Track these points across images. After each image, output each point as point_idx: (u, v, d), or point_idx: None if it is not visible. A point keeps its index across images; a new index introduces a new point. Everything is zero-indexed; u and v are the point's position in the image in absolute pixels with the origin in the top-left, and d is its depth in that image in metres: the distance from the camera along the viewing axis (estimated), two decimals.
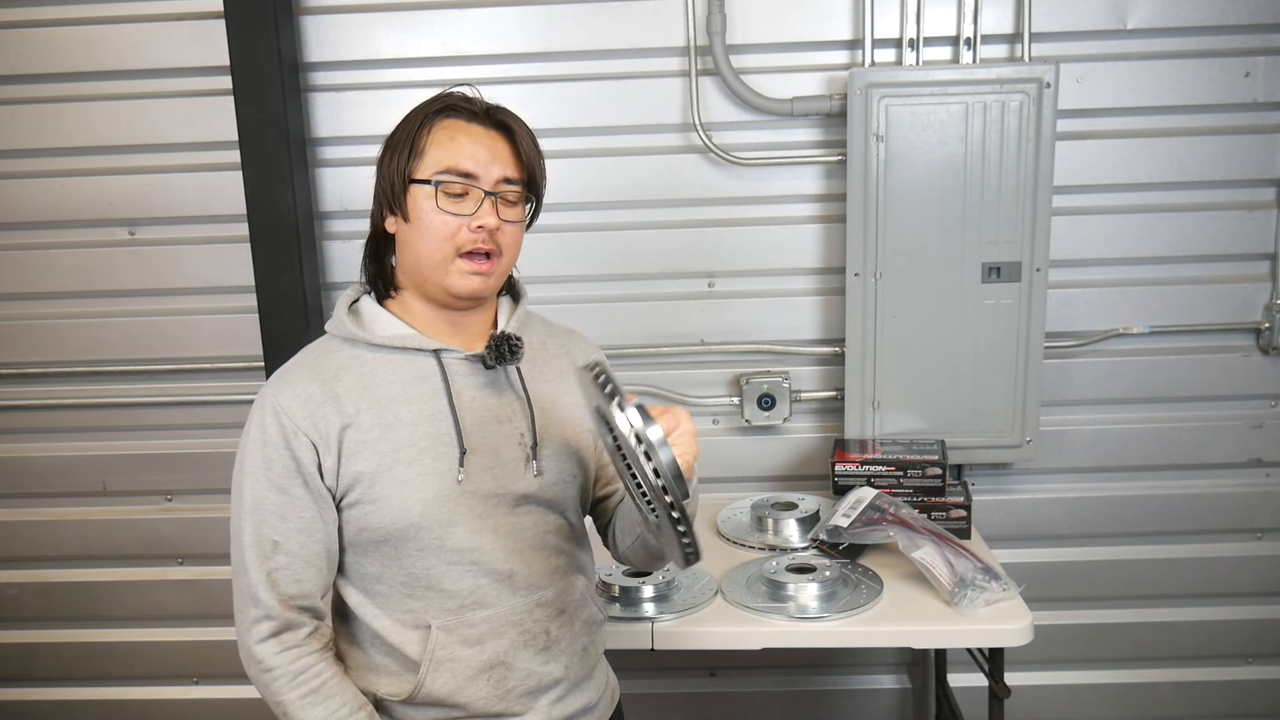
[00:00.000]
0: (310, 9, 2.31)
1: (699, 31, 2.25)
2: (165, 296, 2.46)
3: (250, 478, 1.24)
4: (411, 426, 1.26)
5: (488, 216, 1.26)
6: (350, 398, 1.26)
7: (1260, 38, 2.25)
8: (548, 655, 1.34)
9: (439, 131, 1.27)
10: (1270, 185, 2.32)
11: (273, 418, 1.24)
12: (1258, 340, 2.39)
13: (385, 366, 1.29)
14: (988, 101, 2.14)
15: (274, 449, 1.23)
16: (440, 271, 1.27)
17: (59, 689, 2.69)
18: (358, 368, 1.28)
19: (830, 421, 2.45)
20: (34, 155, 2.40)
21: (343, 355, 1.29)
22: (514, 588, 1.31)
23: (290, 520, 1.24)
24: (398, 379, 1.28)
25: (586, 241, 2.38)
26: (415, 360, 1.29)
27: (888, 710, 2.62)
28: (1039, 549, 2.49)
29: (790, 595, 1.85)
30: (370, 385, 1.27)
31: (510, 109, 1.31)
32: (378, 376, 1.28)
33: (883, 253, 2.23)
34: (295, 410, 1.24)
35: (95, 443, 2.54)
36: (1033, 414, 2.29)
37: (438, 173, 1.25)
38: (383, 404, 1.26)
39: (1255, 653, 2.55)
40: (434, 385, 1.29)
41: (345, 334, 1.30)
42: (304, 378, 1.27)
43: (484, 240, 1.26)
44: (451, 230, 1.25)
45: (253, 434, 1.25)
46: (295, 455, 1.23)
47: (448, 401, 1.28)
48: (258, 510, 1.24)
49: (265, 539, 1.24)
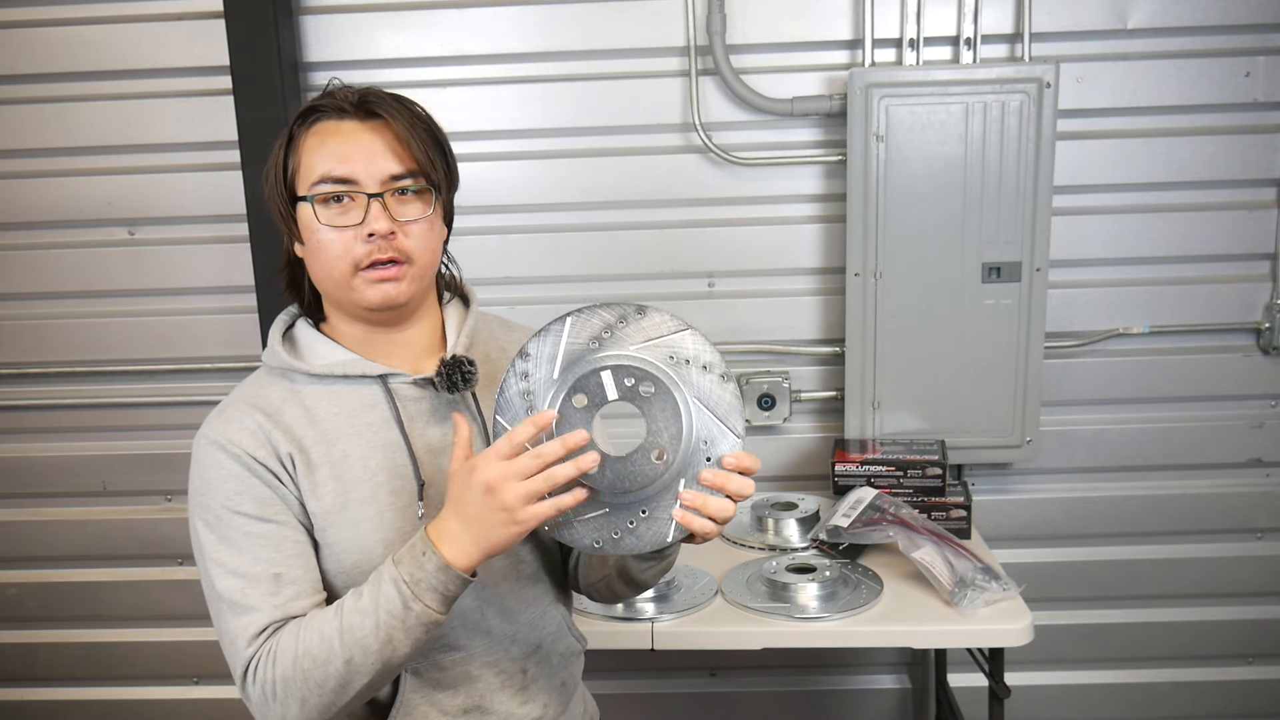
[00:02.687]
0: (310, 9, 2.31)
1: (699, 31, 2.25)
2: (165, 296, 2.46)
3: (219, 522, 1.10)
4: (363, 461, 1.14)
5: (377, 221, 1.10)
6: (295, 432, 1.13)
7: (1260, 38, 2.24)
8: (525, 695, 1.24)
9: (310, 138, 1.13)
10: (1270, 185, 2.32)
11: (220, 452, 1.10)
12: (1258, 340, 2.39)
13: (327, 398, 1.16)
14: (988, 101, 2.14)
15: (238, 482, 1.10)
16: (346, 290, 1.13)
17: (59, 689, 2.69)
18: (299, 401, 1.15)
19: (830, 421, 2.45)
20: (34, 155, 2.40)
21: (279, 389, 1.17)
22: (487, 627, 1.20)
23: (284, 548, 1.10)
24: (342, 410, 1.16)
25: (587, 241, 2.38)
26: (359, 388, 1.17)
27: (888, 710, 2.62)
28: (1039, 549, 2.49)
29: (790, 595, 1.85)
30: (314, 419, 1.15)
31: (394, 92, 1.16)
32: (320, 410, 1.15)
33: (883, 253, 2.23)
34: (244, 440, 1.11)
35: (95, 443, 2.54)
36: (1033, 414, 2.29)
37: (313, 184, 1.11)
38: (329, 439, 1.14)
39: (1255, 653, 2.55)
40: (382, 414, 1.16)
41: (281, 365, 1.17)
42: (246, 412, 1.13)
43: (380, 249, 1.11)
44: (344, 245, 1.11)
45: (210, 473, 1.11)
46: (265, 481, 1.10)
47: (399, 430, 1.16)
48: (241, 550, 1.09)
49: (263, 576, 1.08)
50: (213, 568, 1.10)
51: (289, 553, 1.10)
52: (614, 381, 1.01)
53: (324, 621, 1.06)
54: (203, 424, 1.16)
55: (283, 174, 1.14)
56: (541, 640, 1.26)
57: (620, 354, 1.02)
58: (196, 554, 1.13)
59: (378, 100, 1.14)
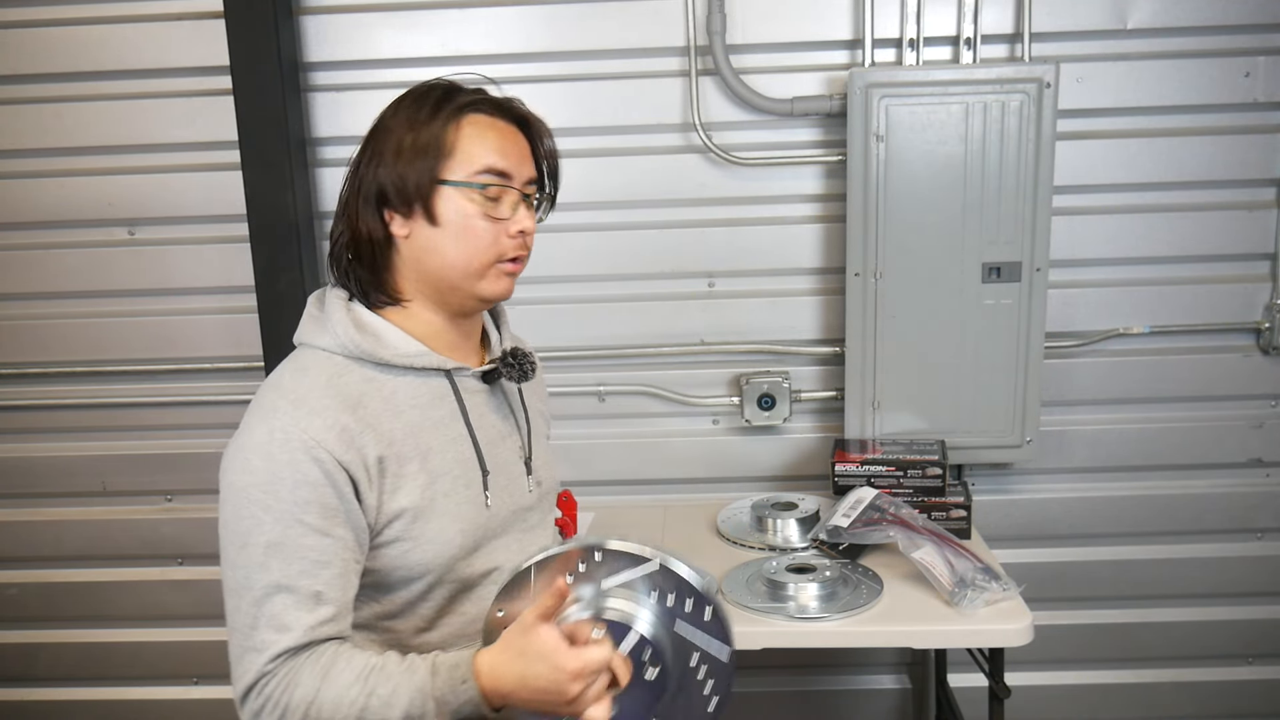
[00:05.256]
0: (310, 9, 2.31)
1: (699, 31, 2.25)
2: (165, 296, 2.46)
3: (279, 525, 1.06)
4: (441, 454, 1.17)
5: (527, 220, 1.17)
6: (384, 425, 1.13)
7: (1260, 38, 2.24)
8: None
9: (468, 127, 1.15)
10: (1270, 185, 2.32)
11: (305, 453, 1.07)
12: (1258, 340, 2.39)
13: (405, 389, 1.16)
14: (988, 101, 2.14)
15: (311, 489, 1.07)
16: (473, 279, 1.16)
17: (59, 689, 2.69)
18: (378, 391, 1.15)
19: (830, 421, 2.45)
20: (34, 155, 2.40)
21: (356, 377, 1.14)
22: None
23: (334, 566, 1.08)
24: (419, 403, 1.17)
25: (586, 241, 2.38)
26: (430, 381, 1.19)
27: (888, 710, 2.62)
28: (1039, 549, 2.49)
29: (790, 595, 1.85)
30: (397, 411, 1.15)
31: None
32: (400, 400, 1.16)
33: (883, 253, 2.23)
34: (332, 443, 1.08)
35: (95, 443, 2.54)
36: (1033, 414, 2.29)
37: (476, 173, 1.14)
38: (413, 431, 1.15)
39: (1255, 653, 2.55)
40: (450, 407, 1.20)
41: (357, 352, 1.15)
42: (331, 405, 1.10)
43: (519, 246, 1.18)
44: (494, 236, 1.15)
45: (282, 475, 1.07)
46: (340, 492, 1.08)
47: (465, 423, 1.20)
48: (292, 559, 1.06)
49: (306, 592, 1.06)
50: (256, 570, 1.06)
51: (335, 571, 1.09)
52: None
53: (346, 686, 1.05)
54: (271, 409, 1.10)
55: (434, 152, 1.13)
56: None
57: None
58: (234, 543, 1.08)
59: (522, 108, 1.23)
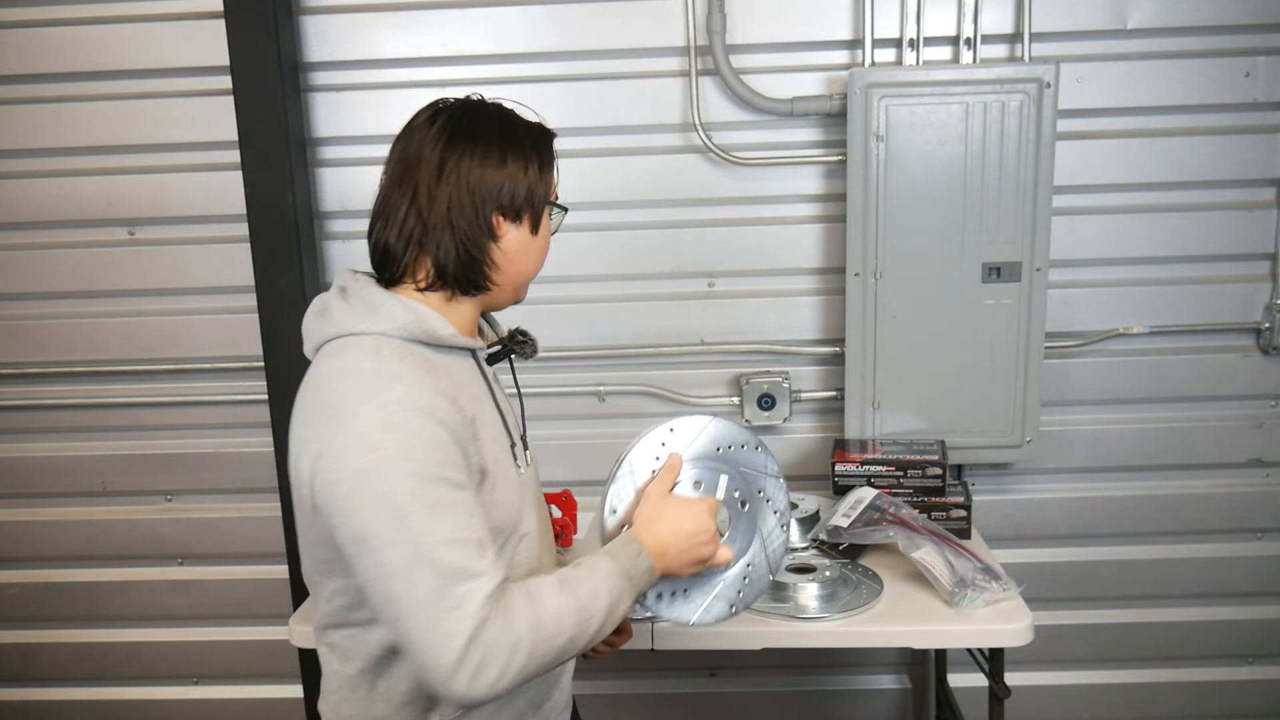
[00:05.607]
0: (310, 9, 2.31)
1: (699, 31, 2.25)
2: (165, 296, 2.46)
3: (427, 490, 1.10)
4: (488, 425, 1.26)
5: None
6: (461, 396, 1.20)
7: (1260, 38, 2.25)
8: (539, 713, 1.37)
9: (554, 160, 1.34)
10: (1270, 185, 2.32)
11: (427, 417, 1.12)
12: (1258, 340, 2.39)
13: (454, 367, 1.25)
14: (988, 101, 2.14)
15: (442, 449, 1.13)
16: (524, 286, 1.34)
17: (59, 689, 2.69)
18: (435, 368, 1.20)
19: (830, 421, 2.45)
20: (34, 155, 2.40)
21: (418, 355, 1.19)
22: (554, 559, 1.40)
23: (478, 515, 1.15)
24: (465, 379, 1.26)
25: (586, 241, 2.38)
26: (465, 361, 1.29)
27: (888, 710, 2.63)
28: (1039, 549, 2.49)
29: (790, 595, 1.85)
30: (455, 385, 1.21)
31: None
32: (456, 376, 1.24)
33: (883, 253, 2.23)
34: (445, 408, 1.15)
35: (95, 443, 2.54)
36: (1033, 414, 2.29)
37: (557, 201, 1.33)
38: (472, 402, 1.23)
39: (1255, 653, 2.55)
40: (482, 385, 1.30)
41: (418, 334, 1.21)
42: (423, 378, 1.16)
43: None
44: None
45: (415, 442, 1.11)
46: (463, 449, 1.16)
47: (492, 397, 1.31)
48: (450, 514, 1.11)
49: (473, 541, 1.11)
50: (421, 535, 1.08)
51: (480, 519, 1.16)
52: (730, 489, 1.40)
53: (553, 598, 1.15)
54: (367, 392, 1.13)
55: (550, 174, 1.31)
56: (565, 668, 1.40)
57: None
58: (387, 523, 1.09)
59: None
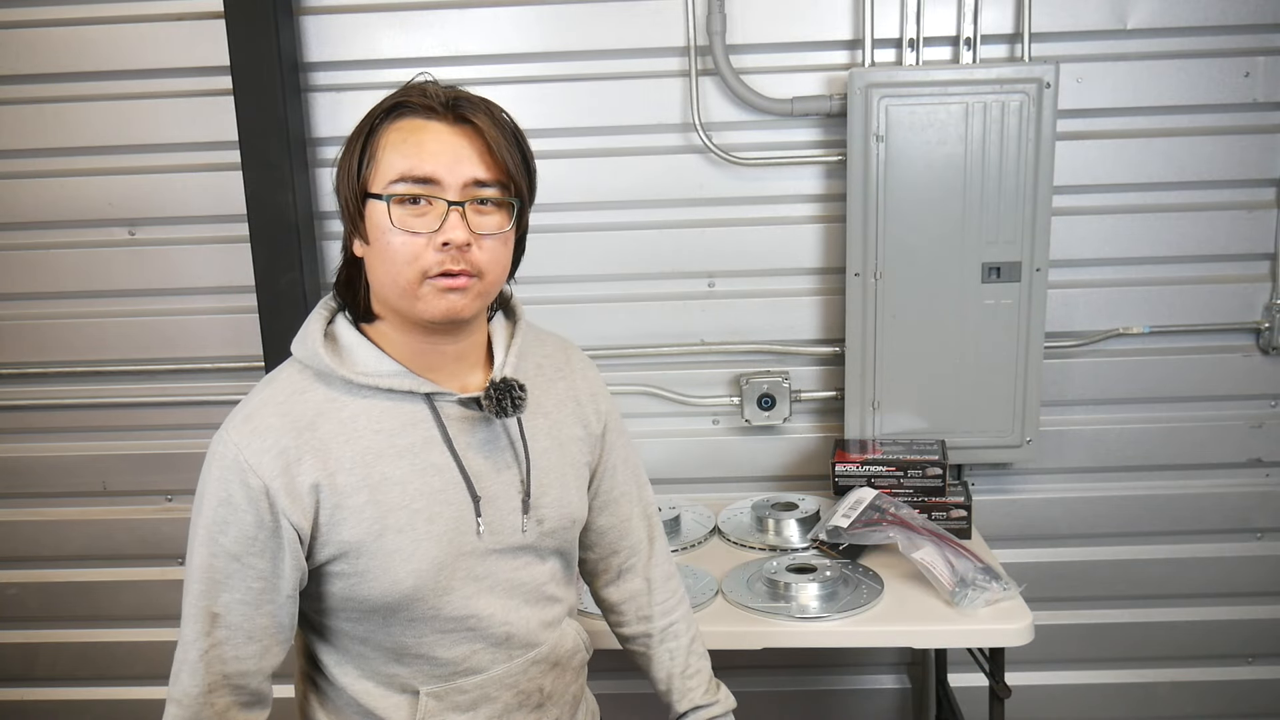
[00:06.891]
0: (310, 9, 2.31)
1: (699, 31, 2.25)
2: (165, 296, 2.46)
3: (199, 538, 1.07)
4: (401, 485, 1.09)
5: (455, 230, 1.05)
6: (331, 452, 1.07)
7: (1260, 38, 2.24)
8: (541, 712, 1.25)
9: (392, 133, 1.07)
10: (1270, 185, 2.32)
11: (235, 474, 1.05)
12: (1258, 340, 2.39)
13: (369, 413, 1.10)
14: (988, 101, 2.14)
15: (231, 509, 1.05)
16: (409, 299, 1.07)
17: (59, 689, 2.69)
18: (337, 414, 1.09)
19: (830, 421, 2.45)
20: (34, 155, 2.40)
21: (318, 396, 1.09)
22: (510, 650, 1.20)
23: (236, 590, 1.07)
24: (384, 428, 1.10)
25: (586, 241, 2.38)
26: (403, 405, 1.11)
27: (888, 710, 2.62)
28: (1039, 549, 2.49)
29: (791, 595, 1.85)
30: (352, 436, 1.08)
31: (482, 96, 1.12)
32: (360, 425, 1.09)
33: (883, 253, 2.23)
34: (265, 467, 1.05)
35: (95, 443, 2.54)
36: (1033, 414, 2.29)
37: (391, 182, 1.05)
38: (368, 460, 1.08)
39: (1255, 653, 2.55)
40: (425, 433, 1.11)
41: (322, 367, 1.10)
42: (276, 426, 1.06)
43: (453, 260, 1.06)
44: (414, 251, 1.05)
45: (210, 489, 1.07)
46: (259, 518, 1.05)
47: (449, 450, 1.12)
48: (201, 578, 1.08)
49: (205, 611, 1.08)
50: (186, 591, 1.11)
51: (237, 596, 1.08)
52: None
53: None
54: (226, 421, 1.09)
55: (358, 167, 1.08)
56: (559, 658, 1.27)
57: None
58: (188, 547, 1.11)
59: (470, 104, 1.08)
